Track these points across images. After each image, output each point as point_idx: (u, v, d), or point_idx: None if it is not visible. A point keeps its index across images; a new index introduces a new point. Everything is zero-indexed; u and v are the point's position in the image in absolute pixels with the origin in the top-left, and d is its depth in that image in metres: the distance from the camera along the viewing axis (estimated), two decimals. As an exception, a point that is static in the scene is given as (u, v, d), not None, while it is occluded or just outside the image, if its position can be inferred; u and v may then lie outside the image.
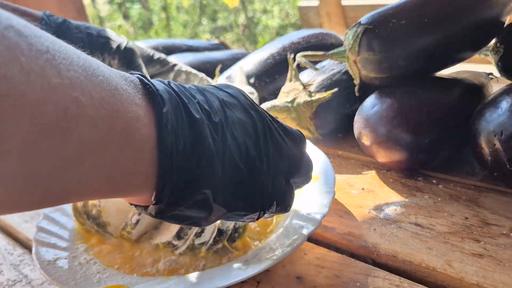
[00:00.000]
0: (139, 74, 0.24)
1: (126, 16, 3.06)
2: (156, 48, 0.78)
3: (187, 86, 0.26)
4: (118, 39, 0.40)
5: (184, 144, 0.22)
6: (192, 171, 0.23)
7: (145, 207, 0.24)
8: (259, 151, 0.26)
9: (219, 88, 0.27)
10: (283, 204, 0.28)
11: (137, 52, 0.41)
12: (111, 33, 0.41)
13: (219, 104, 0.25)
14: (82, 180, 0.20)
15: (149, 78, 0.24)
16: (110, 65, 0.40)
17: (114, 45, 0.39)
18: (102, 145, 0.19)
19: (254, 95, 0.44)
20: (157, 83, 0.24)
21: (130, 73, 0.24)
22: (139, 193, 0.23)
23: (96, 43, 0.39)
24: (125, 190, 0.22)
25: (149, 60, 0.42)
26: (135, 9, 3.15)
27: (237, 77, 0.50)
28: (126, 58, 0.39)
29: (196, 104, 0.24)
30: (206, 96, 0.25)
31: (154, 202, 0.23)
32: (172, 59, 0.43)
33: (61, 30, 0.38)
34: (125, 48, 0.40)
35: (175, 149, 0.22)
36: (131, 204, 0.25)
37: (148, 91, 0.23)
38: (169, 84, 0.24)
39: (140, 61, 0.40)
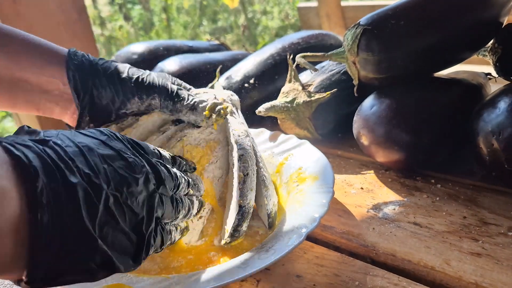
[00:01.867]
0: (5, 142, 0.22)
1: (127, 17, 3.07)
2: (157, 49, 0.79)
3: (64, 144, 0.24)
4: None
5: (60, 220, 0.21)
6: (69, 250, 0.22)
7: (19, 281, 0.22)
8: (147, 205, 0.26)
9: (93, 137, 0.26)
10: (160, 245, 0.29)
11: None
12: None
13: (99, 161, 0.24)
14: None
15: (32, 140, 0.23)
16: (149, 104, 0.40)
17: (154, 84, 0.40)
18: None
19: (234, 97, 0.44)
20: (27, 150, 0.22)
21: None
22: (7, 272, 0.21)
23: (132, 87, 0.40)
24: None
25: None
26: (136, 10, 3.16)
27: (217, 86, 0.52)
28: (167, 95, 0.41)
29: (74, 168, 0.23)
30: (84, 155, 0.24)
31: (26, 280, 0.21)
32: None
33: (91, 72, 0.39)
34: (166, 86, 0.41)
35: (51, 227, 0.21)
36: None
37: (17, 161, 0.21)
38: (46, 147, 0.23)
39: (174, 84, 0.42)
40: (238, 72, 0.64)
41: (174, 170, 0.32)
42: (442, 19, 0.44)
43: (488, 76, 0.52)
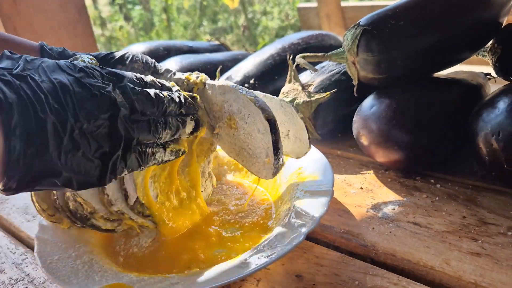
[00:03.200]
0: None
1: (127, 17, 3.07)
2: (157, 49, 0.79)
3: (40, 80, 0.28)
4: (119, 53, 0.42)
5: (30, 148, 0.26)
6: (36, 169, 0.27)
7: None
8: (113, 136, 0.30)
9: (68, 73, 0.29)
10: (137, 166, 0.33)
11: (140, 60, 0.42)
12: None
13: (69, 96, 0.28)
14: None
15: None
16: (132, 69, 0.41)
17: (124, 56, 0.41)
18: None
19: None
20: (7, 82, 0.26)
21: None
22: None
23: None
24: None
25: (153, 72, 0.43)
26: (136, 11, 3.16)
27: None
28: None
29: (46, 104, 0.27)
30: (56, 90, 0.28)
31: (2, 188, 0.27)
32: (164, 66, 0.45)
33: (63, 58, 0.40)
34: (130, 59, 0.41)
35: (22, 153, 0.26)
36: None
37: None
38: (23, 82, 0.27)
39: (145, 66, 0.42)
40: (238, 73, 0.64)
41: (164, 93, 0.34)
42: (442, 19, 0.44)
43: (488, 76, 0.52)
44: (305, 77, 0.57)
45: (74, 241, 0.39)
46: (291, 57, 0.57)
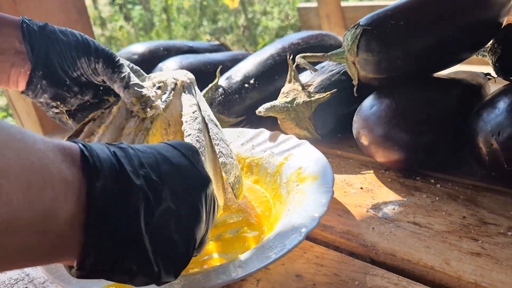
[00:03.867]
0: (82, 144, 0.23)
1: (127, 17, 3.07)
2: (157, 49, 0.79)
3: (141, 149, 0.25)
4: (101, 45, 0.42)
5: (113, 223, 0.22)
6: (116, 251, 0.23)
7: (71, 267, 0.24)
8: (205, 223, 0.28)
9: (174, 147, 0.28)
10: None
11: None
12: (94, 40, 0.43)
13: (169, 168, 0.25)
14: (7, 257, 0.20)
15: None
16: (95, 68, 0.41)
17: (99, 48, 0.42)
18: (25, 223, 0.20)
19: (189, 75, 0.45)
20: (100, 151, 0.23)
21: (72, 141, 0.24)
22: (63, 261, 0.23)
23: (81, 46, 0.41)
24: (48, 260, 0.23)
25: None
26: (136, 11, 3.16)
27: (165, 69, 0.52)
28: (110, 60, 0.41)
29: (141, 173, 0.24)
30: (157, 162, 0.25)
31: (76, 268, 0.23)
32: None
33: (45, 31, 0.40)
34: (108, 52, 0.42)
35: (103, 227, 0.22)
36: None
37: (85, 163, 0.23)
38: (115, 153, 0.24)
39: (123, 61, 0.42)
40: (238, 73, 0.64)
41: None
42: (442, 19, 0.44)
43: (488, 76, 0.52)
44: (305, 77, 0.57)
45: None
46: (291, 57, 0.57)
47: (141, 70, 0.46)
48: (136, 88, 0.41)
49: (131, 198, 0.23)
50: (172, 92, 0.43)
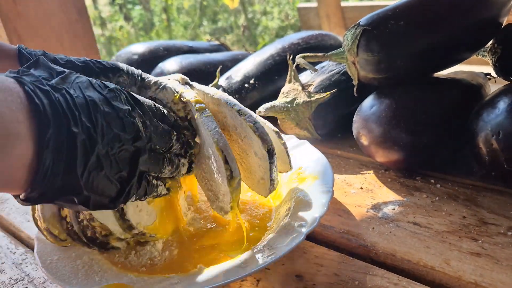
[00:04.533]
0: (30, 87, 0.26)
1: (127, 17, 3.07)
2: (157, 49, 0.79)
3: (75, 95, 0.28)
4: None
5: (59, 163, 0.26)
6: (59, 184, 0.27)
7: (16, 196, 0.28)
8: (131, 163, 0.30)
9: (99, 92, 0.30)
10: (143, 195, 0.33)
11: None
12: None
13: (100, 116, 0.28)
14: None
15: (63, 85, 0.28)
16: (118, 83, 0.40)
17: (112, 64, 0.40)
18: None
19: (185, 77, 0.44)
20: (47, 92, 0.26)
21: (20, 80, 0.26)
22: (13, 190, 0.27)
23: (94, 70, 0.39)
24: (5, 186, 0.26)
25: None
26: (136, 11, 3.16)
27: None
28: (130, 71, 0.41)
29: (78, 120, 0.27)
30: (89, 108, 0.28)
31: (23, 198, 0.27)
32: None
33: (47, 56, 0.39)
34: (124, 66, 0.41)
35: (51, 167, 0.26)
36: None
37: (34, 108, 0.25)
38: (60, 96, 0.27)
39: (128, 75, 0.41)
40: (238, 73, 0.64)
41: (173, 133, 0.35)
42: (442, 19, 0.44)
43: (488, 76, 0.52)
44: (305, 77, 0.57)
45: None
46: (291, 57, 0.57)
47: (144, 76, 0.44)
48: (171, 87, 0.40)
49: (71, 145, 0.26)
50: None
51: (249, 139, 0.38)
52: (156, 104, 0.35)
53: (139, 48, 0.79)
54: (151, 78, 0.41)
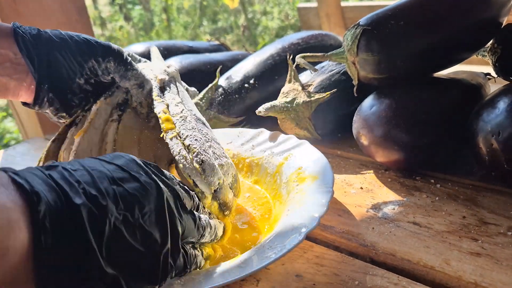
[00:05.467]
0: (11, 171, 0.22)
1: (127, 17, 3.07)
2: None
3: (73, 168, 0.24)
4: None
5: (63, 244, 0.21)
6: (74, 271, 0.22)
7: None
8: (160, 224, 0.26)
9: (107, 161, 0.26)
10: (183, 268, 0.29)
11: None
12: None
13: (108, 183, 0.24)
14: None
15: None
16: (105, 68, 0.40)
17: (105, 46, 0.40)
18: None
19: (171, 69, 0.44)
20: (32, 176, 0.22)
21: (3, 170, 0.22)
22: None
23: (85, 49, 0.39)
24: (14, 284, 0.21)
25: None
26: (136, 10, 3.16)
27: (154, 55, 0.50)
28: (120, 58, 0.40)
29: (81, 191, 0.23)
30: (93, 178, 0.24)
31: None
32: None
33: (41, 40, 0.38)
34: (115, 49, 0.41)
35: (53, 251, 0.21)
36: None
37: (21, 189, 0.21)
38: (53, 172, 0.23)
39: (131, 58, 0.41)
40: (238, 73, 0.64)
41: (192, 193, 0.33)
42: (442, 19, 0.44)
43: (488, 76, 0.52)
44: (305, 77, 0.57)
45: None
46: (291, 57, 0.57)
47: (135, 55, 0.45)
48: (147, 86, 0.40)
49: (75, 217, 0.22)
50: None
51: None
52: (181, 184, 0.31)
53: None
54: (135, 71, 0.41)
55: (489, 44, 0.49)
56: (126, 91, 0.42)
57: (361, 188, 0.45)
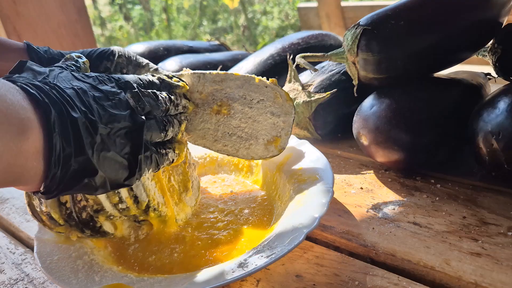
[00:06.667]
0: (22, 83, 0.27)
1: (127, 17, 3.07)
2: (157, 49, 0.79)
3: (63, 86, 0.29)
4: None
5: (68, 146, 0.27)
6: (74, 167, 0.28)
7: (36, 192, 0.28)
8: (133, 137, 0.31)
9: (83, 80, 0.31)
10: (156, 165, 0.34)
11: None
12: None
13: (92, 101, 0.29)
14: None
15: (50, 81, 0.28)
16: (117, 64, 0.44)
17: (109, 50, 0.45)
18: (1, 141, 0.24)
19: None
20: (39, 87, 0.27)
21: (11, 80, 0.27)
22: (30, 184, 0.27)
23: (98, 54, 0.44)
24: (18, 181, 0.26)
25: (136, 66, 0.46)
26: (136, 10, 3.16)
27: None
28: (126, 54, 0.45)
29: (74, 106, 0.28)
30: (79, 96, 0.29)
31: (43, 191, 0.27)
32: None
33: (52, 55, 0.43)
34: (120, 50, 0.45)
35: (62, 151, 0.26)
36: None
37: (33, 97, 0.26)
38: (51, 88, 0.28)
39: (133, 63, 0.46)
40: (238, 72, 0.64)
41: (163, 94, 0.36)
42: (442, 19, 0.44)
43: (488, 76, 0.52)
44: (305, 77, 0.57)
45: (74, 241, 0.39)
46: (291, 57, 0.57)
47: (138, 57, 0.49)
48: (161, 70, 0.45)
49: (75, 127, 0.27)
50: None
51: (264, 102, 0.41)
52: (141, 76, 0.36)
53: (139, 48, 0.79)
54: (144, 60, 0.45)
55: (489, 44, 0.49)
56: None
57: (361, 188, 0.45)
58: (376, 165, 0.50)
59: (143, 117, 0.32)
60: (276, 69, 0.64)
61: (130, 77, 0.35)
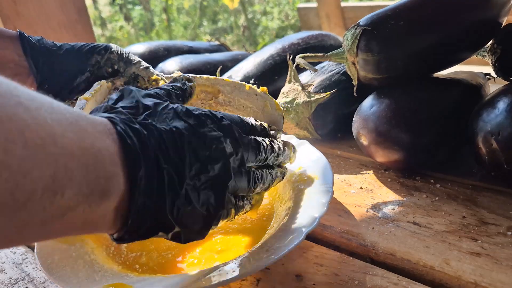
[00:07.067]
0: (122, 128, 0.25)
1: (127, 18, 3.07)
2: (157, 49, 0.79)
3: (163, 129, 0.27)
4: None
5: (150, 203, 0.25)
6: (152, 224, 0.26)
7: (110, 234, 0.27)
8: (217, 189, 0.29)
9: (179, 119, 0.29)
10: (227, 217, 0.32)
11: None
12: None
13: (183, 148, 0.27)
14: (63, 228, 0.23)
15: (130, 120, 0.27)
16: (107, 59, 0.43)
17: (102, 45, 0.44)
18: (84, 201, 0.22)
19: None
20: (138, 133, 0.26)
21: (111, 119, 0.26)
22: (105, 231, 0.26)
23: (88, 48, 0.43)
24: (89, 233, 0.26)
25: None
26: (136, 11, 3.16)
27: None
28: (118, 49, 0.44)
29: (167, 155, 0.26)
30: (174, 141, 0.27)
31: (115, 238, 0.26)
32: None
33: (45, 44, 0.42)
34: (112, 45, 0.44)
35: (142, 208, 0.25)
36: None
37: (127, 148, 0.25)
38: (149, 134, 0.26)
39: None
40: (238, 73, 0.64)
41: (266, 141, 0.34)
42: (442, 19, 0.45)
43: (487, 76, 0.52)
44: (305, 77, 0.57)
45: (74, 241, 0.39)
46: (291, 57, 0.57)
47: (130, 54, 0.48)
48: (152, 69, 0.44)
49: (160, 182, 0.26)
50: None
51: (253, 109, 0.41)
52: (244, 118, 0.34)
53: (139, 48, 0.79)
54: (136, 58, 0.45)
55: (489, 44, 0.49)
56: (134, 77, 0.44)
57: (361, 188, 0.46)
58: (375, 165, 0.50)
59: (236, 167, 0.30)
60: (276, 69, 0.64)
61: (233, 117, 0.32)
